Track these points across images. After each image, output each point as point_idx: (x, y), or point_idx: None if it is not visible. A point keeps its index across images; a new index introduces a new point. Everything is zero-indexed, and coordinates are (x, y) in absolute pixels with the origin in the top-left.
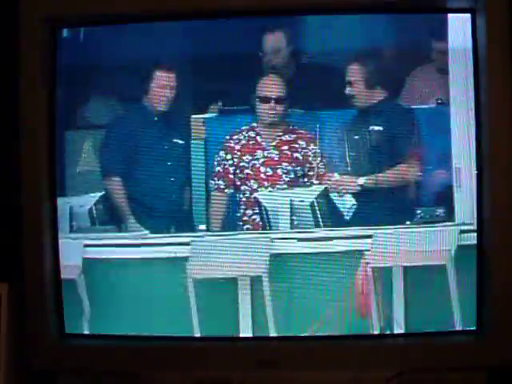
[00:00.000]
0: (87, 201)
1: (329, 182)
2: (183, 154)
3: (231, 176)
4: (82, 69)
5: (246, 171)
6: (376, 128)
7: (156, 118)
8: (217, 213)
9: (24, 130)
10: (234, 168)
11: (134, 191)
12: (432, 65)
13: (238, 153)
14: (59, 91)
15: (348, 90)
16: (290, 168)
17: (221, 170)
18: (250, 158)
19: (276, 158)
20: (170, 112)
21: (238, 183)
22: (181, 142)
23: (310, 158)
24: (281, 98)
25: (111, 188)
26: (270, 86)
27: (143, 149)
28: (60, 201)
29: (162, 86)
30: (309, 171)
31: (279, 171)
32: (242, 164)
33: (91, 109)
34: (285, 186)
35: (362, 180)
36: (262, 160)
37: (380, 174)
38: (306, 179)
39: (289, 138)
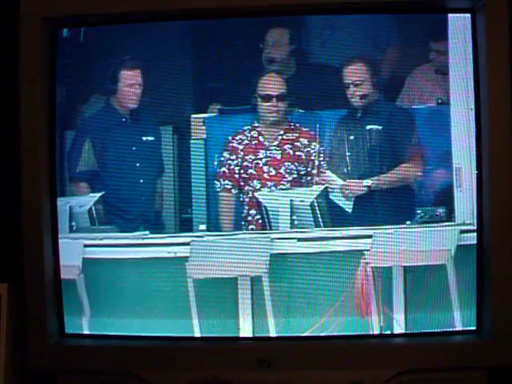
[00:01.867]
0: (87, 201)
1: (330, 182)
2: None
3: (236, 176)
4: (82, 68)
5: (250, 171)
6: (376, 128)
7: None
8: (226, 213)
9: (24, 129)
10: (238, 168)
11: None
12: (432, 65)
13: (242, 153)
14: (59, 91)
15: (348, 90)
16: (292, 167)
17: (226, 171)
18: (253, 157)
19: (279, 157)
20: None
21: (242, 183)
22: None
23: (313, 157)
24: (282, 95)
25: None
26: (271, 84)
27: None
28: (60, 201)
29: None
30: (312, 170)
31: (282, 170)
32: (245, 164)
33: (91, 108)
34: (287, 186)
35: (362, 180)
36: (264, 160)
37: (380, 174)
38: (309, 178)
39: (291, 137)
